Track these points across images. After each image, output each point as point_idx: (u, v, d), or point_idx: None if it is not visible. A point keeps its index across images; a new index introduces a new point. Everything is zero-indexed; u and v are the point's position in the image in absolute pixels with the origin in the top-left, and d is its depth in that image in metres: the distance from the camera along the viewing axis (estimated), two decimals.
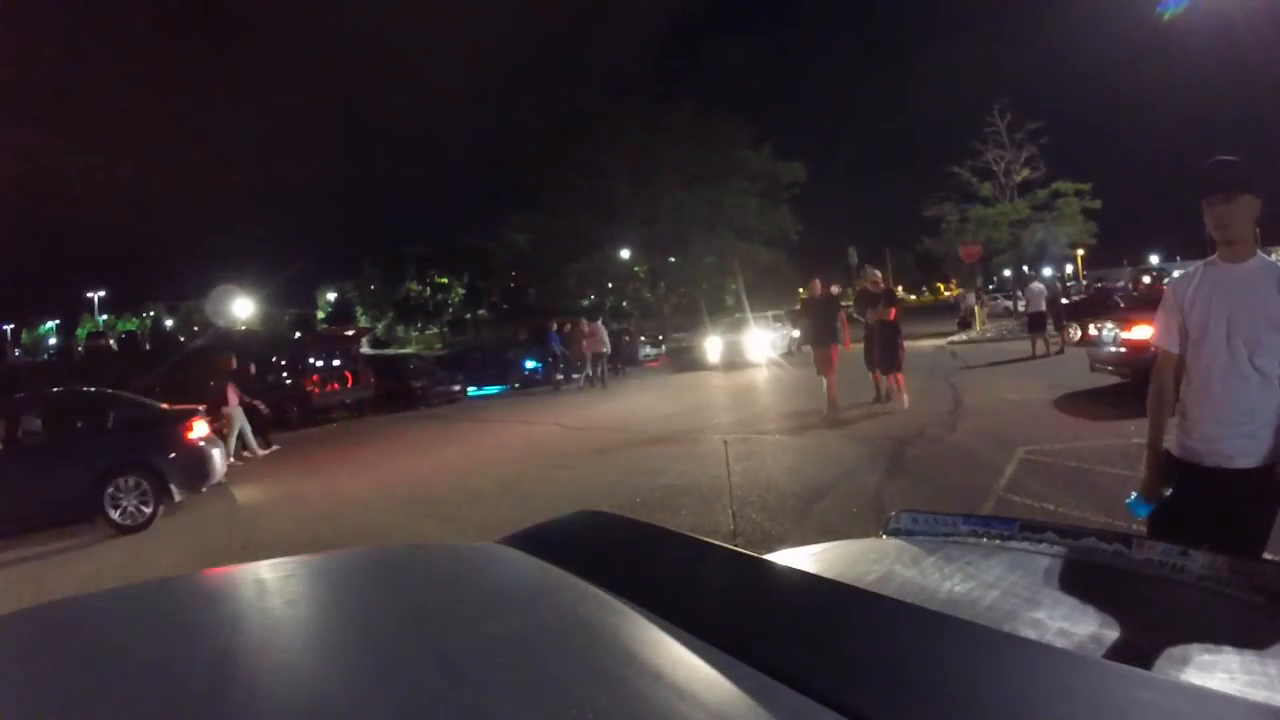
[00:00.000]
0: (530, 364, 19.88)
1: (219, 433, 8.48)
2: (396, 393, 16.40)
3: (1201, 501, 1.99)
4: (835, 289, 10.86)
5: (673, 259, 30.37)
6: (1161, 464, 2.11)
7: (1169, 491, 2.10)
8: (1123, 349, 7.92)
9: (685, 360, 20.19)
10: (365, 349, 20.08)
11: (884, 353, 8.81)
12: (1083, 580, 1.12)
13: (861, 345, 9.53)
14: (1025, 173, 25.75)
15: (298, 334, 52.13)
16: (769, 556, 1.15)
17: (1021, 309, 29.65)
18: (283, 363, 16.90)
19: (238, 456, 9.56)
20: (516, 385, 19.58)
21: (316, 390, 15.77)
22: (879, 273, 9.88)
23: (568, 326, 18.94)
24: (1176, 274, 2.23)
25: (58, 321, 66.63)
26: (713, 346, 19.22)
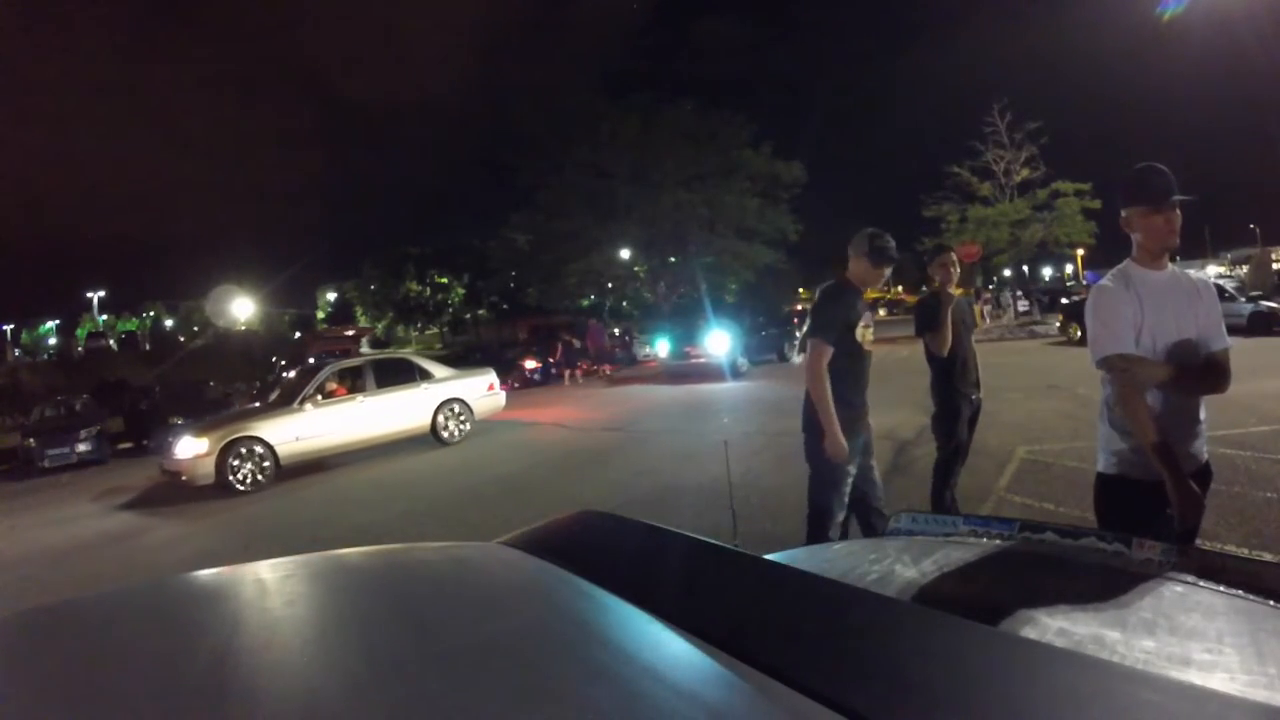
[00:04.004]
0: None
1: None
2: None
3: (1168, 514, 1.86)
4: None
5: (673, 259, 30.33)
6: (1182, 470, 1.87)
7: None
8: None
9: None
10: (366, 349, 20.15)
11: None
12: (1083, 580, 1.12)
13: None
14: (1025, 173, 25.71)
15: (297, 334, 52.19)
16: (769, 556, 1.15)
17: (1023, 309, 29.65)
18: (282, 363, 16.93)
19: None
20: (516, 385, 19.63)
21: None
22: None
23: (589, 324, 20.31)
24: (1105, 281, 2.07)
25: (58, 321, 66.68)
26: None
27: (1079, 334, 15.40)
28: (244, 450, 8.21)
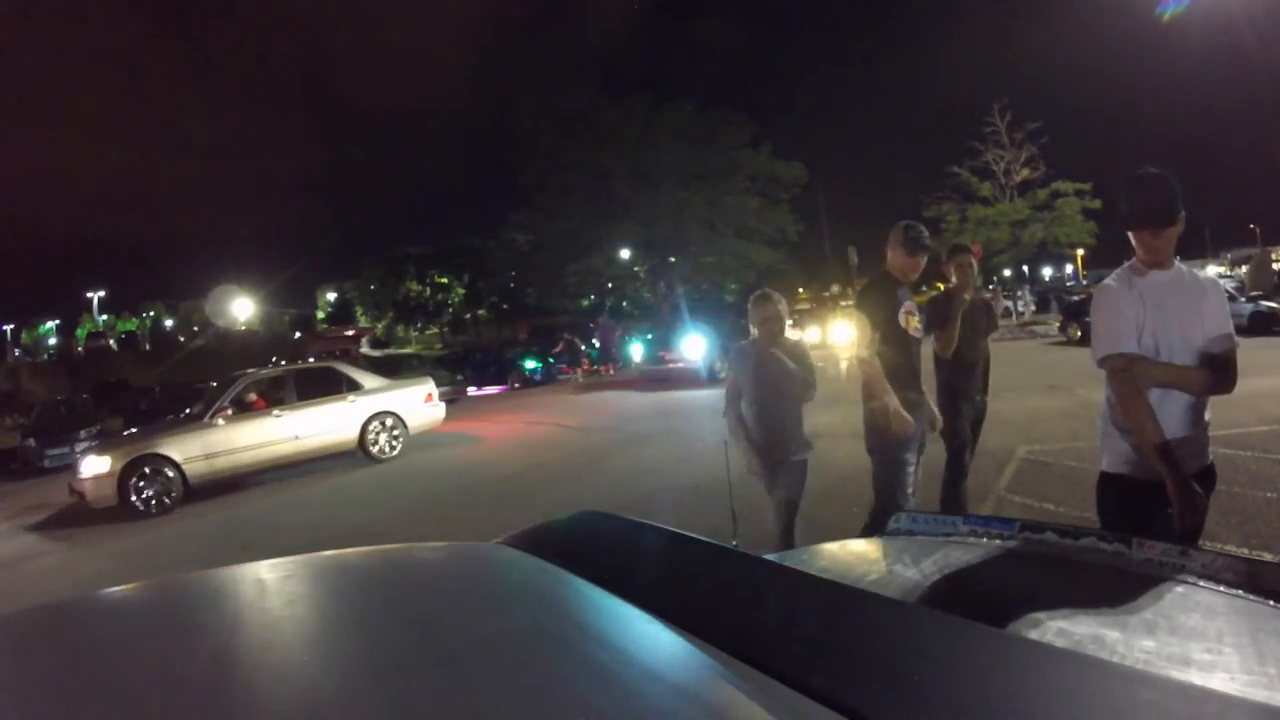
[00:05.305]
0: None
1: None
2: None
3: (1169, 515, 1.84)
4: (835, 288, 10.84)
5: (673, 259, 30.35)
6: (1183, 471, 1.85)
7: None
8: None
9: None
10: (365, 349, 20.19)
11: None
12: (1083, 580, 1.11)
13: None
14: (1025, 173, 25.76)
15: (297, 334, 52.23)
16: (769, 556, 1.15)
17: (1022, 310, 29.64)
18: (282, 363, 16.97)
19: None
20: (516, 385, 19.69)
21: None
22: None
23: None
24: (1109, 280, 2.08)
25: (58, 321, 66.70)
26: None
27: (1079, 334, 15.40)
28: (148, 470, 7.46)
